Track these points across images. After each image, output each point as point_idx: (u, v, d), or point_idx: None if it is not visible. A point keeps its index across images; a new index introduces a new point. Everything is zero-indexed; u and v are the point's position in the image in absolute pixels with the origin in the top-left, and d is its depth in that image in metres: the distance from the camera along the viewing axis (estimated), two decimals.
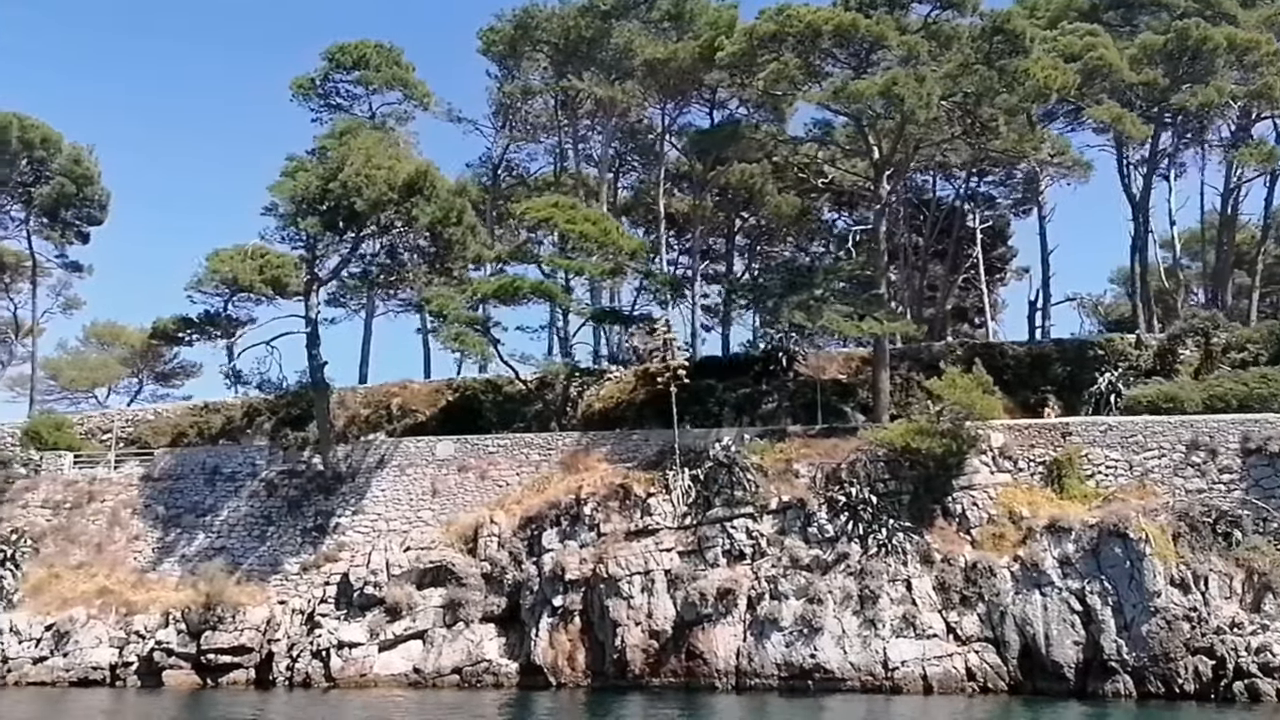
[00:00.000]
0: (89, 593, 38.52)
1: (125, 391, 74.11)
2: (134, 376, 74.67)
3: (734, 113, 59.17)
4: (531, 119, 63.42)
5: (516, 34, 55.61)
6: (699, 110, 59.65)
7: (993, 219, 64.36)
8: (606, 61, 54.65)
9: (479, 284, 41.70)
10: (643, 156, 65.24)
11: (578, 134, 59.73)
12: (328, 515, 40.16)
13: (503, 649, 35.77)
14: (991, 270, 66.86)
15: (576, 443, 39.85)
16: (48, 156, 52.16)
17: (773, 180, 57.89)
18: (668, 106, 58.38)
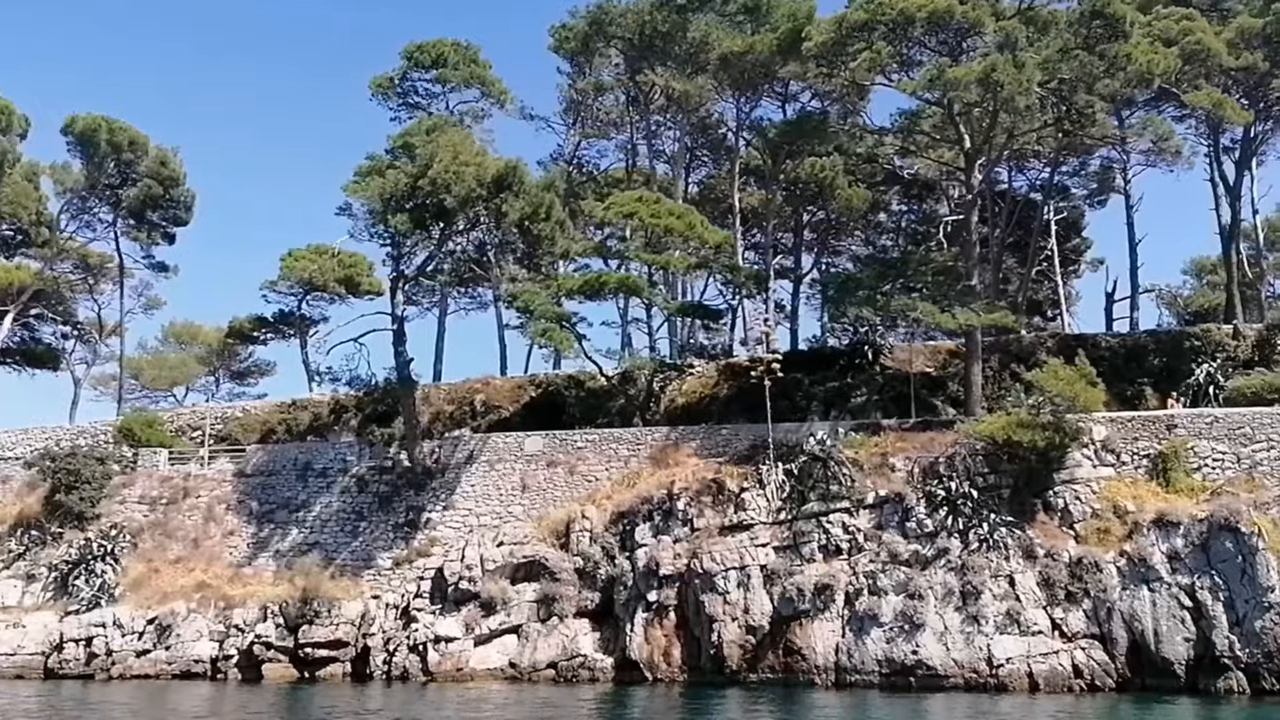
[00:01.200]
0: (188, 587, 38.68)
1: (202, 390, 74.93)
2: (211, 375, 75.50)
3: (806, 105, 58.76)
4: (601, 115, 63.18)
5: (590, 30, 55.21)
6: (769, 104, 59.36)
7: (1067, 210, 62.86)
8: (681, 56, 54.05)
9: (564, 280, 41.29)
10: (713, 151, 64.60)
11: (650, 129, 59.21)
12: (418, 510, 40.00)
13: (597, 644, 35.35)
14: (1066, 262, 65.36)
15: (665, 437, 39.34)
16: (135, 159, 52.66)
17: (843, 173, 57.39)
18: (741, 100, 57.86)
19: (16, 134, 50.26)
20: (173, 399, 71.77)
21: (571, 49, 58.33)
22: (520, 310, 40.20)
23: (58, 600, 39.24)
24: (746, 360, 38.45)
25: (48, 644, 37.18)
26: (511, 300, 39.88)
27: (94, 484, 41.91)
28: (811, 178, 58.06)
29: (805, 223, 63.81)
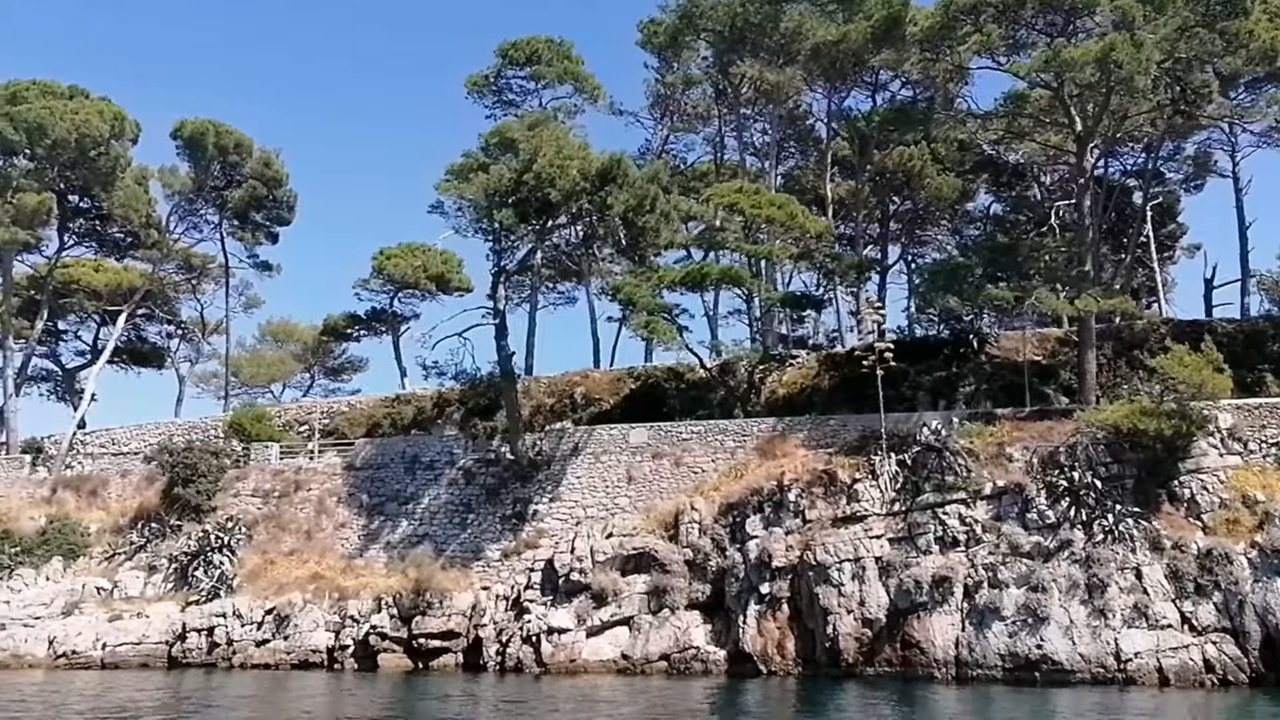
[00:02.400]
0: (302, 578, 38.80)
1: (298, 386, 75.84)
2: (306, 371, 76.34)
3: (896, 95, 57.70)
4: (688, 108, 62.54)
5: (680, 24, 54.44)
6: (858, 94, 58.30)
7: (1162, 195, 60.69)
8: (772, 47, 53.08)
9: (666, 271, 40.65)
10: (800, 143, 63.63)
11: (741, 122, 58.35)
12: (525, 502, 39.71)
13: (709, 636, 34.62)
14: (1161, 248, 63.16)
15: (771, 429, 38.53)
16: (240, 161, 53.23)
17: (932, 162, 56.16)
18: (832, 90, 56.84)
19: (129, 139, 50.95)
20: (270, 395, 72.71)
21: (660, 43, 57.75)
22: (623, 303, 39.60)
23: (178, 591, 39.67)
24: (858, 350, 37.36)
25: (171, 634, 37.51)
26: (615, 293, 39.31)
27: (209, 477, 42.36)
28: (899, 167, 57.07)
29: (891, 213, 62.70)
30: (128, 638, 37.44)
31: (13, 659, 36.88)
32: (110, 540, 42.14)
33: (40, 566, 41.08)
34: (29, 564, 41.03)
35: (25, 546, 41.35)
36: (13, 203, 46.56)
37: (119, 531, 42.48)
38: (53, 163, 48.46)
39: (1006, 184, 60.62)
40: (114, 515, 43.20)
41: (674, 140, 63.23)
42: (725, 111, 60.32)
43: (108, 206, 52.55)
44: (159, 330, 66.42)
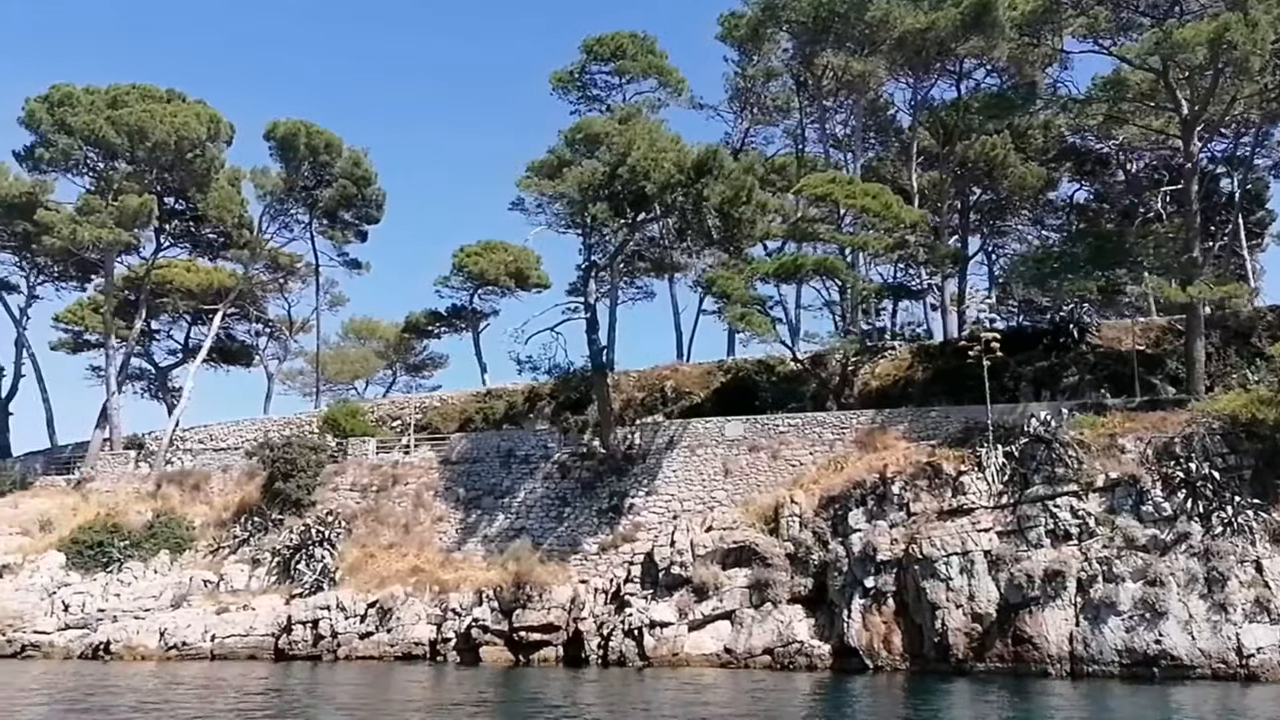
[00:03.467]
0: (402, 571, 38.86)
1: (380, 383, 76.54)
2: (388, 368, 77.02)
3: (980, 83, 56.53)
4: (768, 101, 61.75)
5: (763, 16, 53.66)
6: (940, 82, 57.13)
7: (1251, 182, 58.65)
8: (856, 36, 52.12)
9: (759, 263, 40.03)
10: (880, 134, 62.55)
11: (822, 113, 57.47)
12: (621, 496, 39.39)
13: (812, 630, 33.96)
14: (1250, 236, 61.11)
15: (870, 420, 37.75)
16: (330, 161, 53.56)
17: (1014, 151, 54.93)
18: (916, 80, 55.81)
19: (223, 141, 51.57)
20: (354, 392, 73.44)
21: (741, 36, 57.09)
22: (717, 295, 39.02)
23: (281, 584, 39.94)
24: (963, 340, 36.42)
25: (276, 626, 37.76)
26: (709, 285, 38.72)
27: (308, 472, 42.67)
28: (981, 156, 55.84)
29: (971, 204, 61.41)
30: (235, 630, 37.76)
31: (125, 650, 37.39)
32: (214, 534, 42.68)
33: (148, 560, 41.68)
34: (137, 557, 41.66)
35: (134, 540, 42.01)
36: (116, 204, 47.27)
37: (222, 525, 42.98)
38: (152, 165, 49.18)
39: (1090, 172, 59.04)
40: (217, 510, 43.74)
41: (754, 133, 62.55)
42: (806, 103, 59.50)
43: (202, 208, 53.29)
44: (247, 329, 67.31)
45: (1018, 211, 62.80)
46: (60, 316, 60.73)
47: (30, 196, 50.26)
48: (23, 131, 49.10)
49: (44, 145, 47.88)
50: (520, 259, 63.42)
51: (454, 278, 64.38)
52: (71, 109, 47.04)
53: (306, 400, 73.05)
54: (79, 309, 60.73)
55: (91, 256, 51.54)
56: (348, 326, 77.41)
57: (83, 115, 46.81)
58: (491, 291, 65.59)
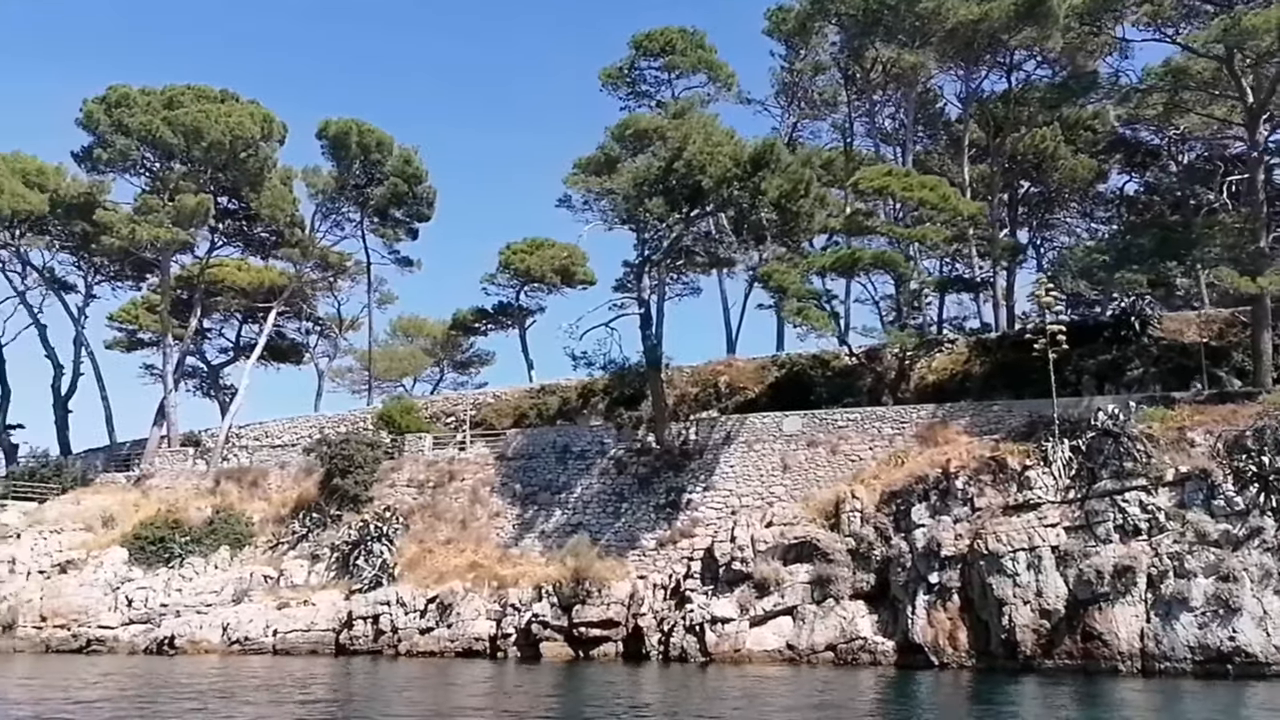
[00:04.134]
0: (461, 567, 38.84)
1: (427, 380, 76.75)
2: (435, 366, 77.21)
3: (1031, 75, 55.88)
4: (815, 95, 61.23)
5: (811, 9, 53.15)
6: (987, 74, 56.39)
7: None
8: (906, 29, 51.49)
9: (816, 257, 39.61)
10: (928, 127, 61.88)
11: (873, 106, 56.88)
12: (679, 492, 39.16)
13: (875, 626, 33.58)
14: None
15: (931, 415, 37.27)
16: (381, 159, 53.62)
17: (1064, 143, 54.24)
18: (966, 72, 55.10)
19: (276, 140, 51.79)
20: (402, 389, 73.67)
21: (788, 30, 56.73)
22: (773, 290, 38.63)
23: (340, 579, 40.04)
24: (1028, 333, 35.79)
25: (337, 621, 37.86)
26: (766, 279, 38.34)
27: (366, 468, 42.75)
28: (1031, 149, 55.18)
29: (1019, 197, 60.64)
30: (297, 625, 37.91)
31: (190, 645, 37.65)
32: (273, 530, 42.87)
33: (209, 555, 41.96)
34: (198, 553, 41.94)
35: (194, 536, 42.30)
36: (174, 204, 47.59)
37: (280, 521, 43.16)
38: (207, 165, 49.48)
39: (1141, 164, 58.09)
40: (275, 506, 43.93)
41: (801, 128, 62.06)
42: (854, 97, 58.97)
43: (255, 207, 53.53)
44: (298, 327, 67.61)
45: (1066, 204, 62.15)
46: (115, 316, 61.37)
47: (88, 197, 50.74)
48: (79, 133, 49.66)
49: (102, 146, 48.27)
50: (566, 256, 63.33)
51: (500, 275, 64.42)
52: (128, 110, 47.41)
53: (355, 398, 73.48)
54: (133, 308, 61.32)
55: (148, 256, 51.93)
56: (395, 324, 77.78)
57: (139, 116, 47.16)
58: (538, 288, 65.51)
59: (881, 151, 58.27)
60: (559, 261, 63.29)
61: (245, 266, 60.05)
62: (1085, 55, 51.43)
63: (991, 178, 55.49)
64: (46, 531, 42.75)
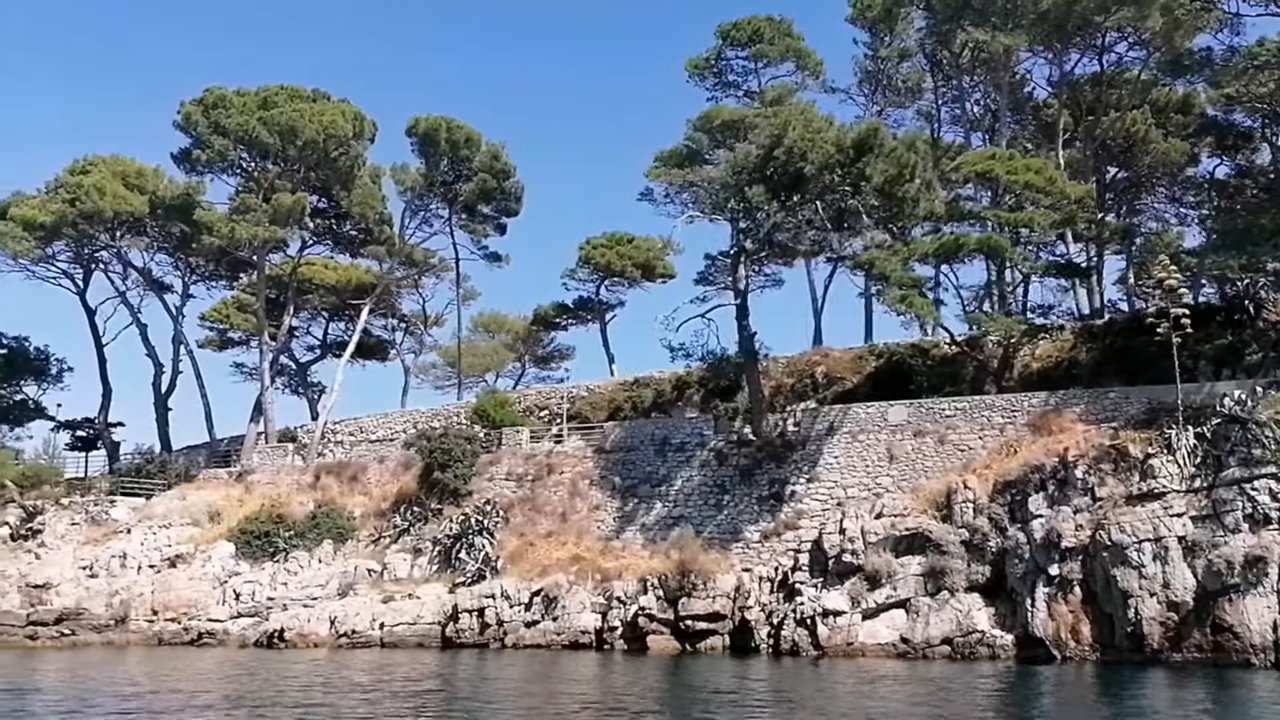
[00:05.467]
0: (563, 560, 38.48)
1: (509, 375, 76.74)
2: (517, 361, 77.18)
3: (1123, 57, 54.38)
4: (899, 83, 60.01)
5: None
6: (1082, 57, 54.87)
7: None
8: (998, 11, 50.12)
9: (918, 243, 38.55)
10: (1016, 112, 60.30)
11: (962, 92, 55.55)
12: (782, 483, 38.43)
13: (993, 619, 32.55)
14: None
15: (1044, 403, 36.09)
16: (470, 155, 53.50)
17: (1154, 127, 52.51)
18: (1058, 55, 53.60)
19: (367, 139, 51.92)
20: (484, 384, 73.72)
21: (873, 17, 55.78)
22: (875, 277, 37.67)
23: (442, 573, 39.96)
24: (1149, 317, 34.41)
25: (442, 614, 37.75)
26: (868, 267, 37.38)
27: (465, 462, 42.66)
28: (1121, 132, 53.49)
29: (1106, 182, 58.85)
30: (403, 618, 37.85)
31: (298, 638, 37.79)
32: (374, 524, 42.95)
33: (312, 549, 42.13)
34: (302, 547, 42.14)
35: (297, 530, 42.51)
36: (271, 203, 47.88)
37: (381, 515, 43.22)
38: (300, 163, 49.73)
39: (1233, 148, 56.06)
40: (375, 500, 44.01)
41: (884, 116, 60.76)
42: (940, 83, 57.66)
43: (345, 205, 53.75)
44: (384, 324, 67.92)
45: (1154, 190, 60.25)
46: (207, 315, 62.17)
47: (186, 198, 51.31)
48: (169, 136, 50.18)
49: (200, 147, 48.71)
50: (646, 250, 62.87)
51: (580, 270, 64.11)
52: (225, 111, 47.78)
53: (439, 394, 73.78)
54: (223, 307, 62.04)
55: (244, 255, 52.40)
56: (477, 321, 77.84)
57: (236, 117, 47.51)
58: (618, 283, 65.10)
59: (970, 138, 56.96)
60: (639, 255, 62.82)
61: (333, 265, 60.48)
62: (1182, 35, 49.91)
63: (1083, 162, 53.92)
64: (155, 526, 43.28)
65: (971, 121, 59.40)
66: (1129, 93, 50.98)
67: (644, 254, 62.97)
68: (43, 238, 51.21)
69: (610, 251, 62.55)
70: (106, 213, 50.00)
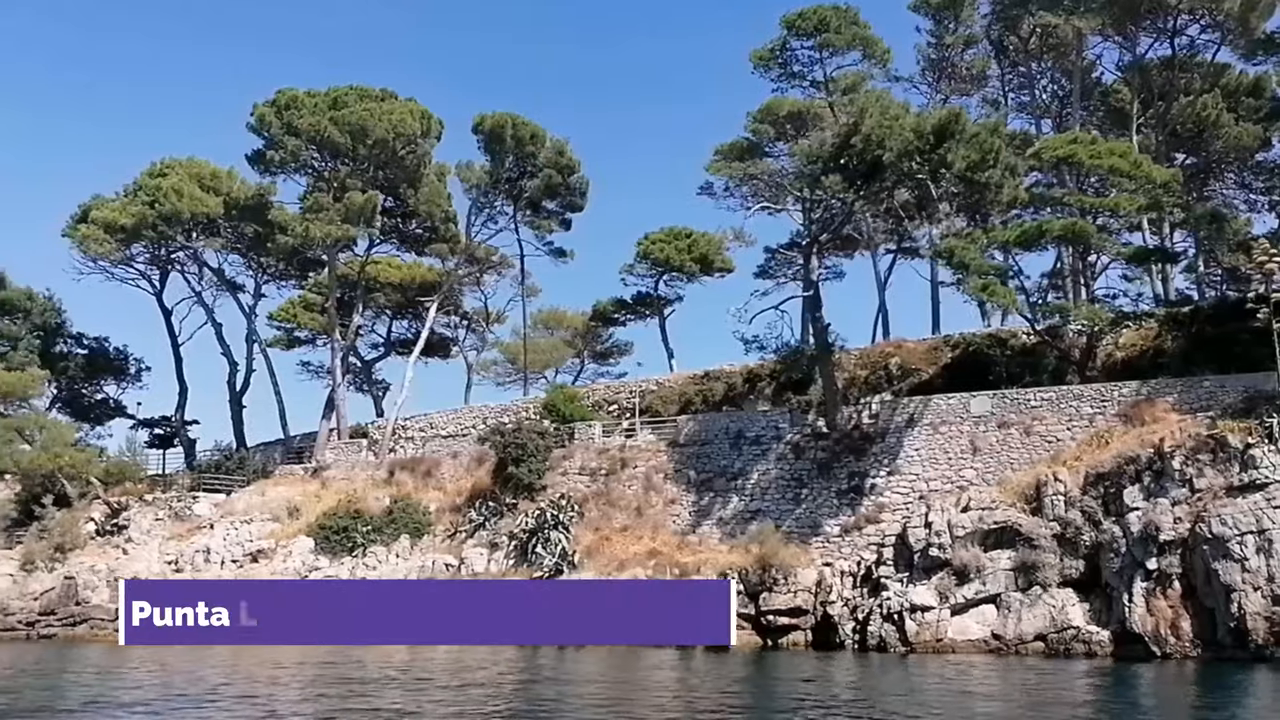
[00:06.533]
0: (640, 554, 37.69)
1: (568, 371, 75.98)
2: (576, 357, 76.42)
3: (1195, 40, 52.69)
4: (963, 70, 58.46)
5: None
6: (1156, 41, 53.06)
7: None
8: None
9: (998, 231, 37.17)
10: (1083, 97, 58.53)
11: (1031, 78, 54.01)
12: (861, 476, 37.31)
13: (1088, 615, 31.25)
14: None
15: (1135, 392, 34.65)
16: (535, 151, 52.80)
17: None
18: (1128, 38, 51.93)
19: (434, 137, 51.44)
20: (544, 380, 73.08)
21: (937, 4, 54.40)
22: (955, 266, 36.36)
23: (519, 567, 39.25)
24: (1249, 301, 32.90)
25: None
26: (948, 255, 36.07)
27: (539, 456, 41.98)
28: (1191, 117, 51.60)
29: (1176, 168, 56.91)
30: None
31: None
32: (450, 519, 42.44)
33: (390, 544, 41.70)
34: (379, 541, 41.72)
35: (374, 525, 42.10)
36: (343, 202, 47.57)
37: (456, 510, 42.70)
38: (370, 162, 49.37)
39: None
40: (449, 495, 43.51)
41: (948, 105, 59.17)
42: (1006, 70, 56.10)
43: (412, 203, 53.33)
44: (445, 321, 67.54)
45: (1223, 176, 58.25)
46: (274, 314, 62.16)
47: (259, 198, 51.19)
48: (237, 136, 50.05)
49: (274, 148, 48.52)
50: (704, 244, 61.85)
51: (639, 265, 63.16)
52: (297, 112, 47.52)
53: (500, 390, 73.32)
54: (290, 307, 62.01)
55: (315, 254, 52.18)
56: (535, 317, 77.15)
57: (308, 117, 47.22)
58: (677, 277, 64.07)
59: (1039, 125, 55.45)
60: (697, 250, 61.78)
61: (396, 263, 60.20)
62: (1257, 16, 48.19)
63: (1153, 148, 52.09)
64: (237, 522, 43.16)
65: (1038, 108, 57.81)
66: (1200, 76, 49.10)
67: (701, 248, 61.94)
68: (123, 240, 51.40)
69: (669, 246, 61.51)
70: (184, 214, 50.00)
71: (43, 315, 56.52)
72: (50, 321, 57.18)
